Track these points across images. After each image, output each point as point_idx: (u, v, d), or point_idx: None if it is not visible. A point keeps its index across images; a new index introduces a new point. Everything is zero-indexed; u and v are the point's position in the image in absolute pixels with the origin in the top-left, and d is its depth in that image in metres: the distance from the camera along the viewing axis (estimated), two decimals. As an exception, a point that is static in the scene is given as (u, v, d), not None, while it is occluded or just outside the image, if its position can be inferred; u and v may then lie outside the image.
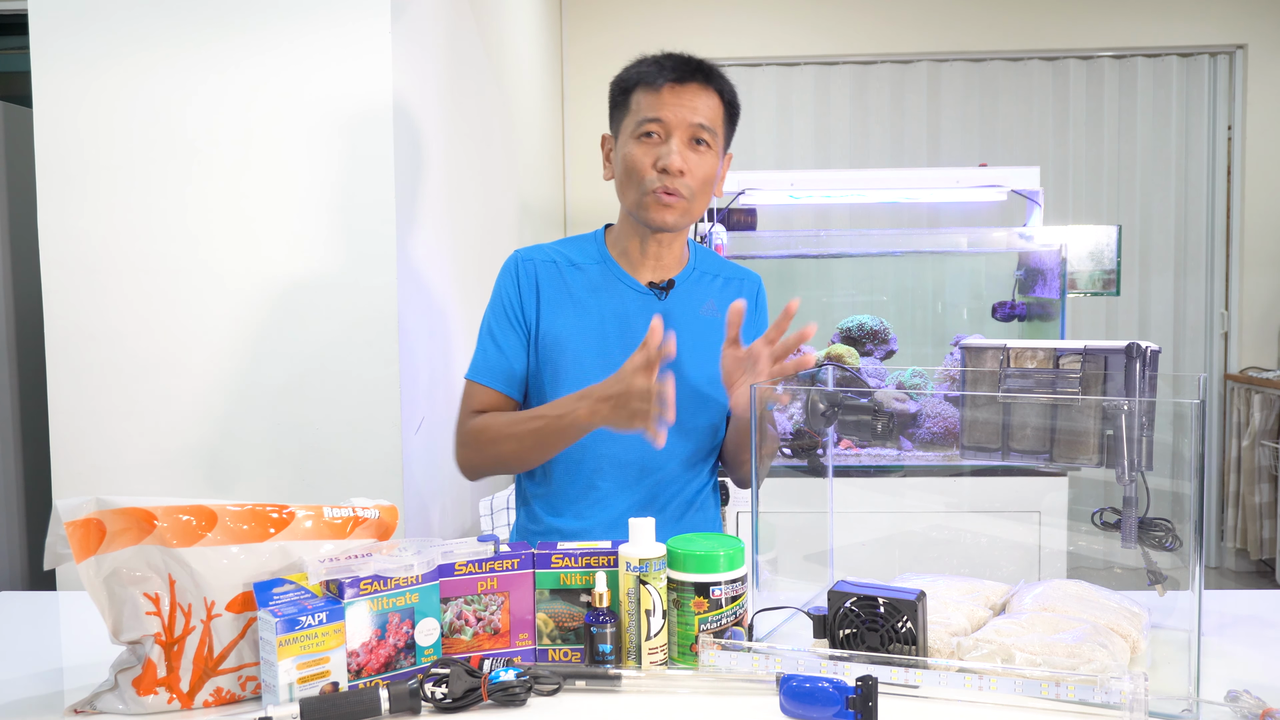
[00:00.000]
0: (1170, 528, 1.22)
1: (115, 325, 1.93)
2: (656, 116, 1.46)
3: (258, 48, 1.90)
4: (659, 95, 1.46)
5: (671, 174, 1.45)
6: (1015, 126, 4.65)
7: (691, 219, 1.51)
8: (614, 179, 1.54)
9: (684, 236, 1.58)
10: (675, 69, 1.47)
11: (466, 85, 2.59)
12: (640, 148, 1.47)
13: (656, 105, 1.46)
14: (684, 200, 1.48)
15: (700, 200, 1.50)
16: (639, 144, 1.47)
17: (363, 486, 1.91)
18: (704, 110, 1.47)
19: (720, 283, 1.60)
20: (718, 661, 1.14)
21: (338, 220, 1.93)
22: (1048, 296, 2.94)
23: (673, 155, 1.44)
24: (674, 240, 1.56)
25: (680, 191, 1.46)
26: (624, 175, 1.50)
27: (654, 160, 1.46)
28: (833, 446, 1.51)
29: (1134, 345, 1.23)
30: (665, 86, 1.46)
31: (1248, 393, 4.37)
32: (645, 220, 1.49)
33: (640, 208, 1.49)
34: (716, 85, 1.50)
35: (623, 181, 1.51)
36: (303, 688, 1.05)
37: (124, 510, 1.07)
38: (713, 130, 1.48)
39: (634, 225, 1.54)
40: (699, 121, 1.46)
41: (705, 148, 1.48)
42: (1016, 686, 1.04)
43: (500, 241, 3.05)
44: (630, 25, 4.63)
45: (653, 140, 1.47)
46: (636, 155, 1.47)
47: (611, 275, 1.55)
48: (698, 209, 1.51)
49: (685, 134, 1.46)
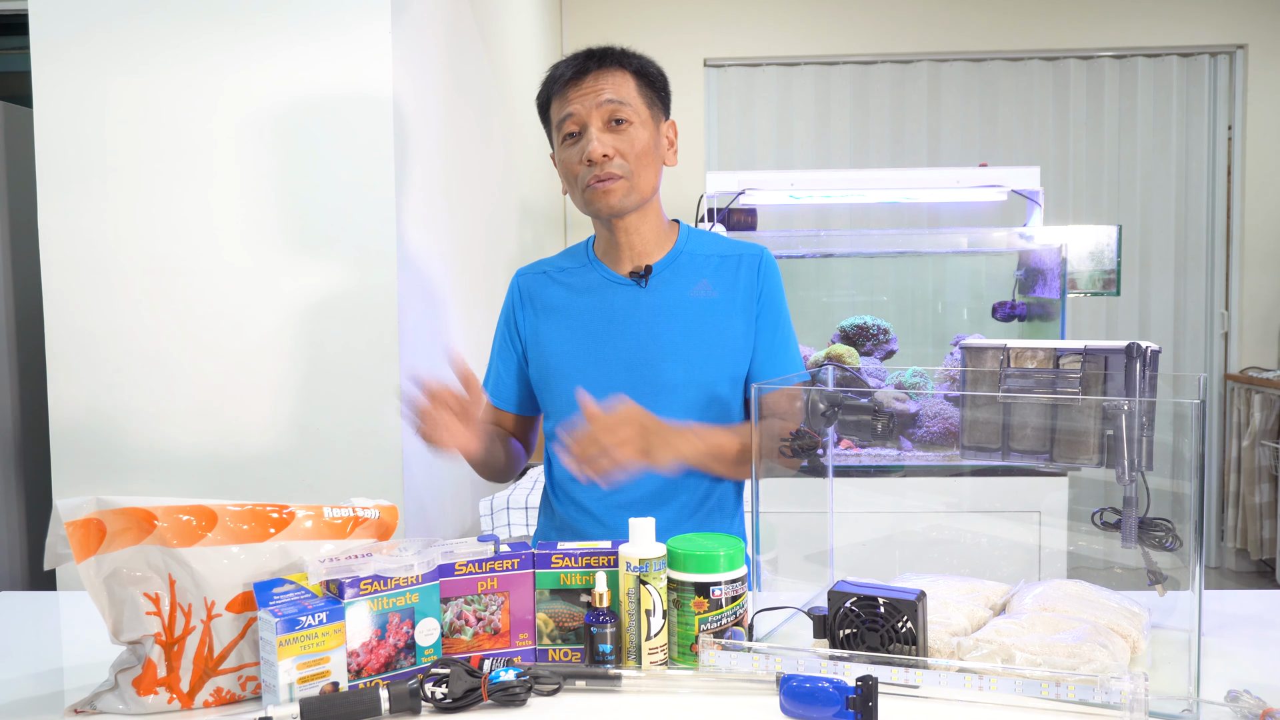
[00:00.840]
0: (1170, 528, 1.22)
1: (115, 325, 1.93)
2: (567, 113, 1.48)
3: (258, 48, 1.90)
4: (565, 96, 1.49)
5: (597, 162, 1.46)
6: (1015, 126, 4.65)
7: (639, 194, 1.50)
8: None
9: (654, 219, 1.56)
10: (569, 65, 1.49)
11: (466, 85, 2.59)
12: (567, 150, 1.50)
13: (564, 105, 1.49)
14: (621, 180, 1.48)
15: (643, 174, 1.50)
16: (565, 147, 1.51)
17: (363, 486, 1.91)
18: (610, 89, 1.48)
19: (715, 261, 1.57)
20: (718, 661, 1.14)
21: (338, 220, 1.93)
22: (1048, 296, 2.94)
23: (592, 144, 1.46)
24: (641, 224, 1.54)
25: (614, 174, 1.47)
26: (565, 181, 1.54)
27: (579, 156, 1.48)
28: (833, 446, 1.51)
29: (1134, 345, 1.23)
30: (568, 85, 1.49)
31: (1248, 393, 4.37)
32: (594, 213, 1.52)
33: (586, 204, 1.51)
34: (616, 63, 1.50)
35: (568, 188, 1.54)
36: (303, 688, 1.05)
37: (124, 510, 1.07)
38: (626, 103, 1.48)
39: (598, 222, 1.56)
40: (606, 99, 1.47)
41: (626, 124, 1.48)
42: (1016, 686, 1.04)
43: (500, 241, 3.05)
44: (630, 25, 4.63)
45: (575, 138, 1.49)
46: (566, 158, 1.51)
47: (595, 273, 1.58)
48: (643, 183, 1.50)
49: (599, 118, 1.47)
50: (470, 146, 2.63)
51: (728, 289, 1.54)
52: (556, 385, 1.54)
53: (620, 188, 1.48)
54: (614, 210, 1.49)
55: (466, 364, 1.41)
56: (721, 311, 1.53)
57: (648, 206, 1.54)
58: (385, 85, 1.91)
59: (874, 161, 4.66)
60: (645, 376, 1.50)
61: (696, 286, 1.54)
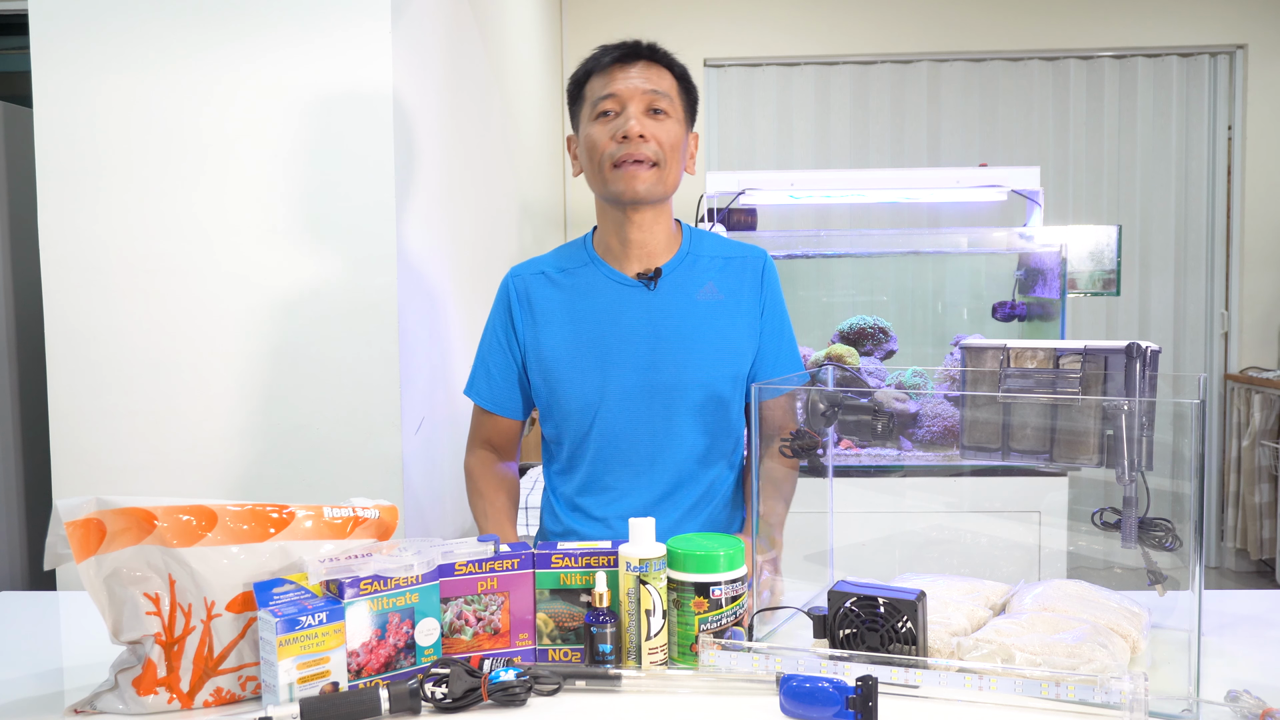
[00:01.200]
0: (1170, 528, 1.22)
1: (116, 325, 1.93)
2: (609, 92, 1.46)
3: (258, 48, 1.90)
4: (609, 74, 1.47)
5: (631, 139, 1.44)
6: (1015, 126, 4.65)
7: (665, 188, 1.49)
8: (583, 172, 1.54)
9: (666, 218, 1.55)
10: (620, 48, 1.49)
11: (466, 85, 2.59)
12: (598, 126, 1.48)
13: (607, 83, 1.47)
14: (652, 167, 1.46)
15: (671, 168, 1.49)
16: (596, 123, 1.48)
17: (363, 486, 1.91)
18: (656, 80, 1.47)
19: (720, 263, 1.56)
20: (718, 661, 1.14)
21: (338, 220, 1.93)
22: (1048, 296, 2.94)
23: (630, 121, 1.44)
24: (655, 222, 1.52)
25: (646, 156, 1.45)
26: (587, 158, 1.50)
27: (612, 133, 1.46)
28: (833, 446, 1.51)
29: (1134, 345, 1.22)
30: (614, 65, 1.47)
31: (1248, 393, 4.37)
32: (616, 194, 1.47)
33: (607, 183, 1.47)
34: (664, 61, 1.51)
35: (588, 166, 1.51)
36: (303, 688, 1.05)
37: (124, 510, 1.07)
38: (669, 97, 1.48)
39: (610, 215, 1.53)
40: (652, 89, 1.46)
41: (664, 115, 1.47)
42: (1016, 686, 1.04)
43: (500, 241, 3.05)
44: (630, 26, 4.63)
45: (609, 117, 1.47)
46: (595, 133, 1.47)
47: (598, 274, 1.54)
48: (670, 178, 1.49)
49: (641, 104, 1.46)
50: (470, 146, 2.63)
51: (733, 292, 1.55)
52: (561, 389, 1.52)
53: (651, 175, 1.46)
54: (637, 196, 1.46)
55: None
56: (727, 314, 1.53)
57: (663, 206, 1.53)
58: (385, 84, 1.91)
59: (874, 161, 4.66)
60: (651, 379, 1.50)
61: (703, 289, 1.54)
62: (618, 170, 1.46)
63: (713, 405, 1.52)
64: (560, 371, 1.52)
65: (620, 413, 1.50)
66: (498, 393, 1.59)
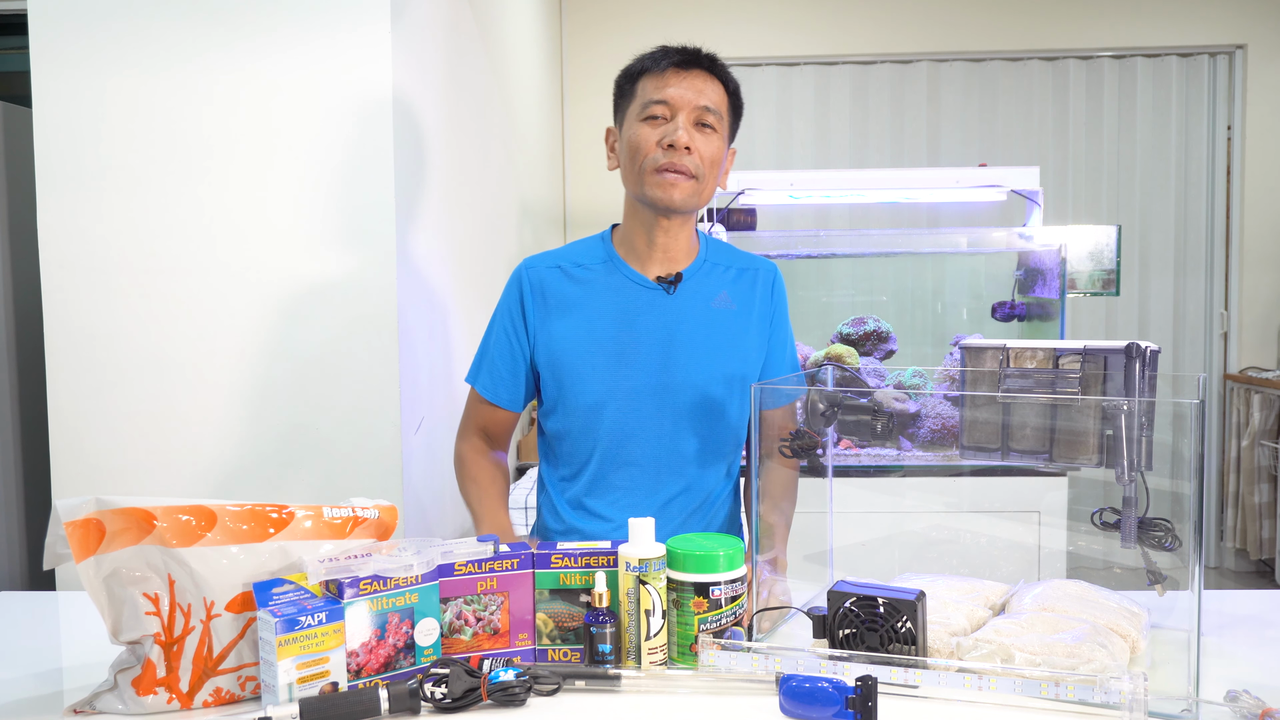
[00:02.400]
0: (1170, 528, 1.22)
1: (115, 325, 1.93)
2: (661, 98, 1.46)
3: (258, 49, 1.90)
4: (664, 78, 1.47)
5: (678, 149, 1.44)
6: (1015, 126, 4.65)
7: (700, 201, 1.51)
8: (619, 168, 1.54)
9: (692, 225, 1.57)
10: (680, 54, 1.48)
11: (466, 86, 2.59)
12: (645, 127, 1.47)
13: (661, 87, 1.46)
14: (691, 179, 1.47)
15: (709, 183, 1.50)
16: (644, 125, 1.48)
17: (363, 486, 1.91)
18: (709, 94, 1.47)
19: (734, 274, 1.58)
20: (717, 661, 1.14)
21: (338, 221, 1.93)
22: (1047, 296, 2.94)
23: (679, 132, 1.44)
24: (681, 229, 1.54)
25: (687, 169, 1.46)
26: (628, 157, 1.50)
27: (660, 138, 1.46)
28: (833, 446, 1.51)
29: (1134, 345, 1.23)
30: (670, 70, 1.47)
31: (1247, 393, 4.37)
32: (652, 200, 1.48)
33: (645, 186, 1.48)
34: (720, 75, 1.51)
35: (627, 164, 1.51)
36: (302, 688, 1.05)
37: (124, 510, 1.07)
38: (718, 114, 1.49)
39: (640, 216, 1.53)
40: (704, 104, 1.46)
41: (711, 131, 1.48)
42: (1016, 686, 1.04)
43: (500, 241, 3.05)
44: (630, 26, 4.63)
45: (658, 121, 1.47)
46: (642, 134, 1.47)
47: (618, 273, 1.54)
48: (706, 191, 1.51)
49: (691, 115, 1.46)
50: (470, 146, 2.63)
51: (745, 303, 1.57)
52: (569, 383, 1.52)
53: (689, 187, 1.47)
54: (673, 206, 1.48)
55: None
56: (739, 324, 1.55)
57: (691, 215, 1.55)
58: (385, 85, 1.91)
59: (874, 161, 4.66)
60: (662, 380, 1.51)
61: (718, 298, 1.56)
62: (658, 176, 1.46)
63: (718, 412, 1.53)
64: (570, 366, 1.52)
65: (628, 413, 1.50)
66: (500, 383, 1.58)
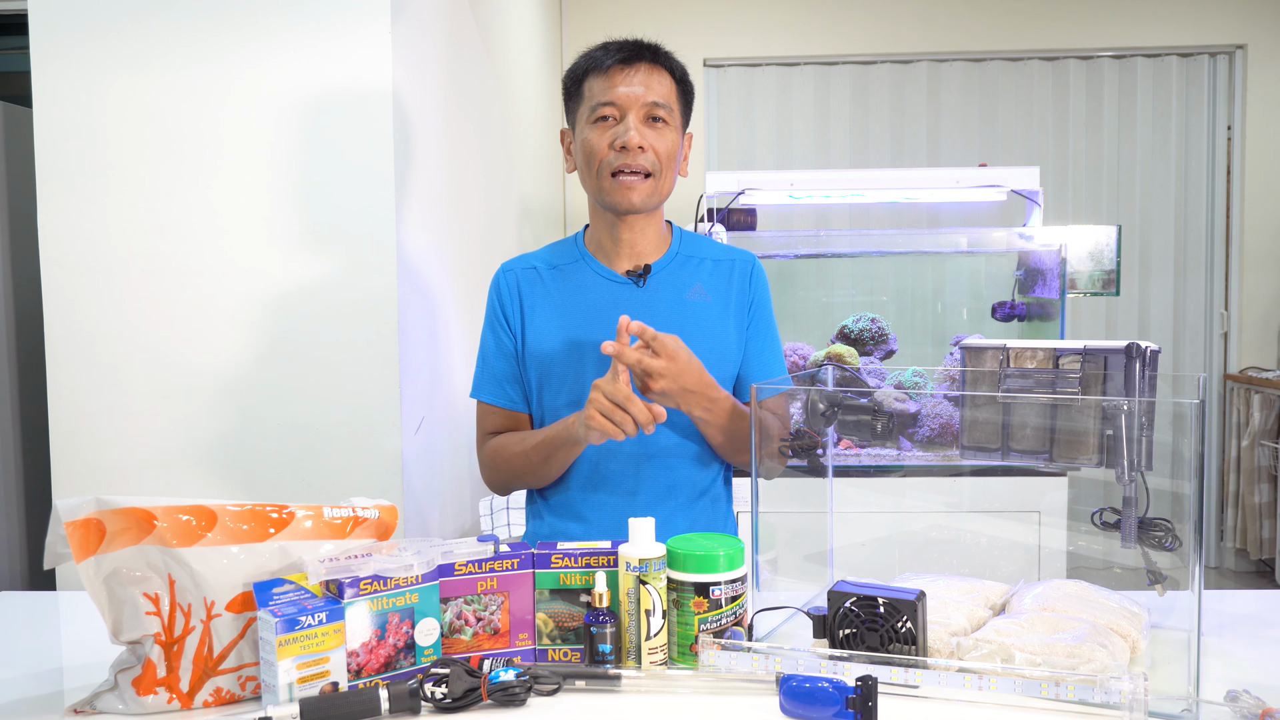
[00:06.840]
0: (1170, 528, 1.22)
1: (115, 325, 1.93)
2: (609, 99, 1.46)
3: (258, 48, 1.90)
4: (609, 78, 1.47)
5: (630, 150, 1.45)
6: (1015, 126, 4.65)
7: (659, 197, 1.51)
8: (576, 170, 1.54)
9: (658, 220, 1.56)
10: (622, 50, 1.48)
11: (466, 86, 2.59)
12: (596, 131, 1.47)
13: (608, 88, 1.46)
14: (648, 178, 1.47)
15: (666, 177, 1.50)
16: (595, 128, 1.48)
17: (363, 486, 1.91)
18: (657, 88, 1.47)
19: (709, 265, 1.57)
20: (718, 661, 1.14)
21: (337, 220, 1.93)
22: (1047, 296, 2.94)
23: (630, 132, 1.44)
24: (647, 224, 1.54)
25: (643, 167, 1.46)
26: (583, 162, 1.50)
27: (611, 140, 1.46)
28: (833, 446, 1.51)
29: (1134, 345, 1.23)
30: (614, 68, 1.47)
31: (1247, 393, 4.37)
32: (611, 204, 1.49)
33: (603, 191, 1.48)
34: (666, 64, 1.50)
35: (583, 169, 1.51)
36: (302, 688, 1.05)
37: (124, 510, 1.07)
38: (668, 107, 1.48)
39: (603, 216, 1.53)
40: (652, 100, 1.46)
41: (663, 124, 1.48)
42: (1016, 686, 1.04)
43: (500, 241, 3.05)
44: (630, 26, 4.61)
45: (608, 123, 1.47)
46: (593, 139, 1.47)
47: (588, 270, 1.55)
48: (664, 187, 1.51)
49: (640, 113, 1.46)
50: (470, 146, 2.63)
51: (721, 294, 1.56)
52: (550, 384, 1.53)
53: (646, 187, 1.47)
54: (633, 207, 1.48)
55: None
56: (715, 315, 1.54)
57: (656, 210, 1.54)
58: (385, 85, 1.91)
59: (874, 161, 4.66)
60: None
61: (691, 290, 1.55)
62: (614, 180, 1.47)
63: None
64: (550, 366, 1.53)
65: None
66: (506, 388, 1.58)
